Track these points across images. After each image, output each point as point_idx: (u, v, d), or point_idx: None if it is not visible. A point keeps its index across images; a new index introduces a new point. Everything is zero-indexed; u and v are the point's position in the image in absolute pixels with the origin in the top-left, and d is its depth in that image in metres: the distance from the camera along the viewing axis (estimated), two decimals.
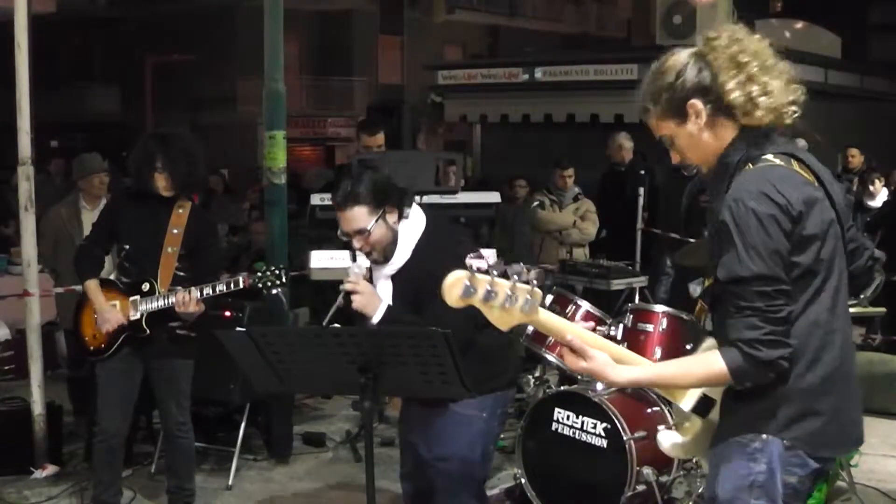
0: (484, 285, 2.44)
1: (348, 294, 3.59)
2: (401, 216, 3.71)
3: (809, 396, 2.59)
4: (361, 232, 3.63)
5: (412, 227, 3.72)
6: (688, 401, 2.74)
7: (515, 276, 2.45)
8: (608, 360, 2.60)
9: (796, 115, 2.66)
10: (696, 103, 2.65)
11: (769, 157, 2.61)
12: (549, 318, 2.58)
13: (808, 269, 2.56)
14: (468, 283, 2.43)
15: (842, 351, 2.63)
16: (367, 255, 3.71)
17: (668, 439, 2.83)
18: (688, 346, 2.75)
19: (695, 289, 7.87)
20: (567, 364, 2.64)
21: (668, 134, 2.74)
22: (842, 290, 2.65)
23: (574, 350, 2.59)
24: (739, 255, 2.50)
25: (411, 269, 3.67)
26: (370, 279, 3.76)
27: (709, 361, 2.55)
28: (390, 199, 3.68)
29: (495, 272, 2.46)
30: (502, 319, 2.51)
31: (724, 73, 2.62)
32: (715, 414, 2.74)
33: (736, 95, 2.61)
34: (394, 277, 3.73)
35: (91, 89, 29.78)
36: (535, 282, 2.45)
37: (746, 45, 2.64)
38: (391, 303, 3.67)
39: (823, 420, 2.62)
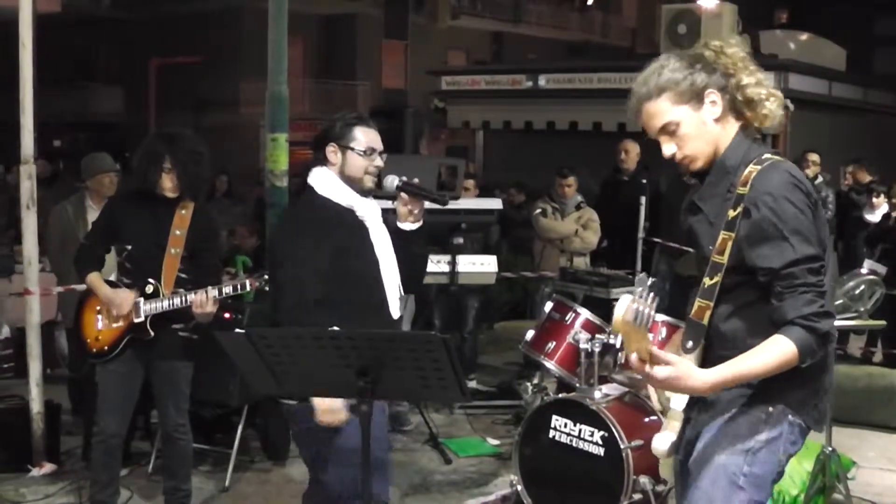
0: (642, 308, 2.45)
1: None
2: None
3: (818, 374, 2.71)
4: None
5: None
6: (680, 399, 2.80)
7: (651, 294, 2.45)
8: (691, 365, 2.64)
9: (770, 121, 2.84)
10: (715, 93, 2.79)
11: (768, 155, 2.76)
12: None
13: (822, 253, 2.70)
14: (637, 308, 2.44)
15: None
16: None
17: (664, 441, 2.81)
18: (688, 345, 2.75)
19: None
20: (645, 374, 2.56)
21: (675, 119, 2.80)
22: None
23: (655, 359, 2.55)
24: (789, 242, 2.61)
25: None
26: None
27: (778, 346, 2.58)
28: None
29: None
30: (635, 339, 2.50)
31: (740, 72, 2.77)
32: None
33: (753, 91, 2.76)
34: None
35: (94, 89, 29.83)
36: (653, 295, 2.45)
37: (746, 55, 2.82)
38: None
39: (824, 396, 2.77)
